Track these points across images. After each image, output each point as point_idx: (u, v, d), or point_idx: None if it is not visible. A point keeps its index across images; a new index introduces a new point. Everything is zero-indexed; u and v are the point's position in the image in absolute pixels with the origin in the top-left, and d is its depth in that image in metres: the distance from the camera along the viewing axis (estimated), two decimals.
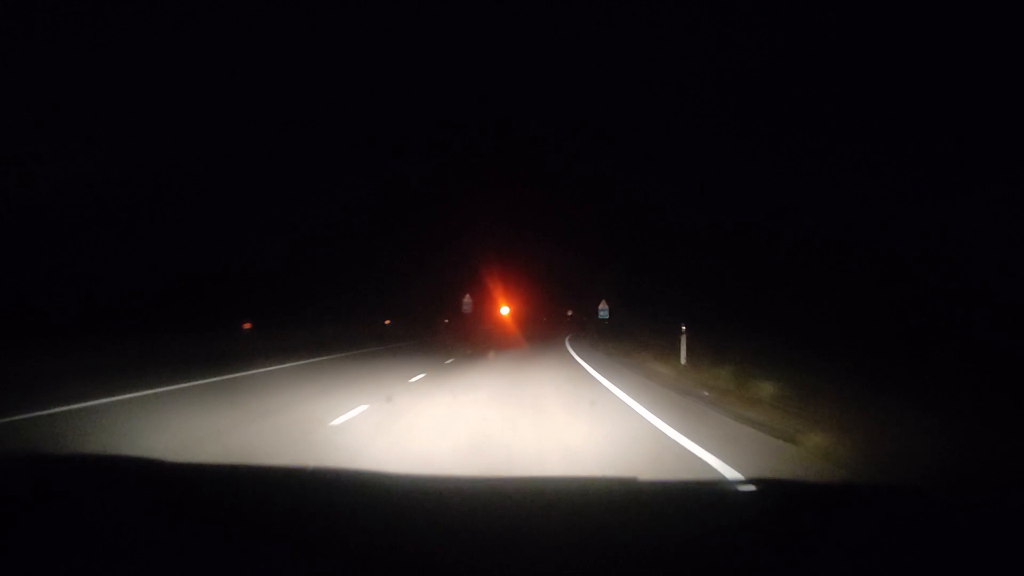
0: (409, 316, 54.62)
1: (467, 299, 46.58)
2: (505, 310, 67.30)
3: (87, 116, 22.22)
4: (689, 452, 6.07)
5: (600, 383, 12.85)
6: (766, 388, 10.26)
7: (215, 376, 13.12)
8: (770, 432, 7.09)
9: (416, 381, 13.07)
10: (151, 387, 10.79)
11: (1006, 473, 4.62)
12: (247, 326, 27.41)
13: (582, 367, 16.99)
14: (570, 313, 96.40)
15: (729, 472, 5.32)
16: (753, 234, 27.69)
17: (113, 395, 9.75)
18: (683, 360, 16.13)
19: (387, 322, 45.78)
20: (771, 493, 2.18)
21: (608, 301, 45.43)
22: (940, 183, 16.93)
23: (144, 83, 24.15)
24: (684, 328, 16.46)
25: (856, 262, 17.83)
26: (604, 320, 42.16)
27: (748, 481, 4.07)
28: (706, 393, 10.79)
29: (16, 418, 7.78)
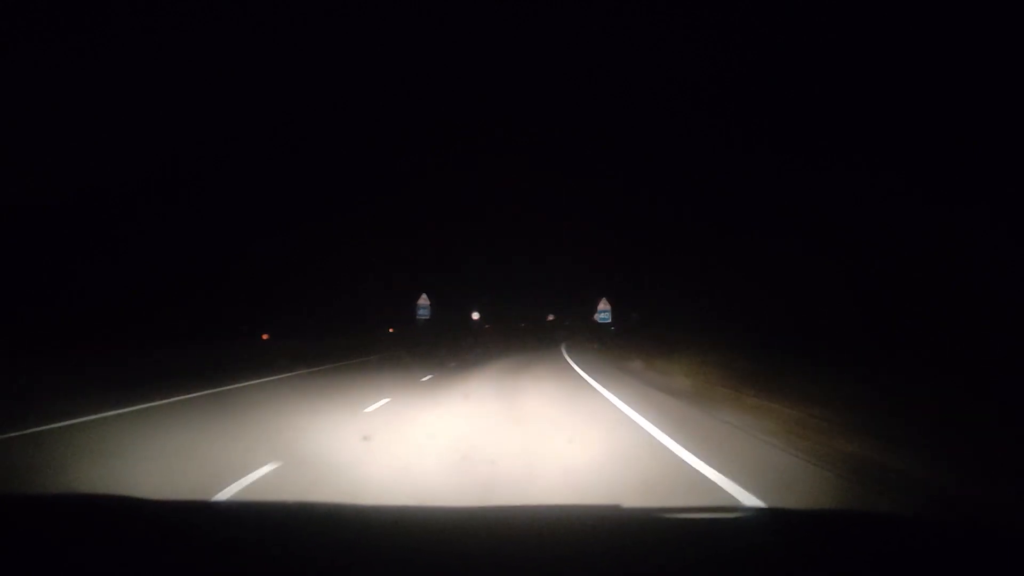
0: (327, 325, 37.10)
1: (423, 301, 36.65)
2: (476, 315, 55.88)
3: (87, 117, 22.22)
4: None
5: None
6: None
7: None
8: None
9: None
10: None
11: None
12: None
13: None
14: (551, 318, 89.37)
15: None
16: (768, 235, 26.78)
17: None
18: None
19: (264, 336, 30.74)
20: (764, 520, 2.10)
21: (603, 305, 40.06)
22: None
23: (138, 83, 24.17)
24: None
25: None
26: (606, 325, 34.62)
27: (739, 508, 3.94)
28: None
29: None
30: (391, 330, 46.10)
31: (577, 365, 20.40)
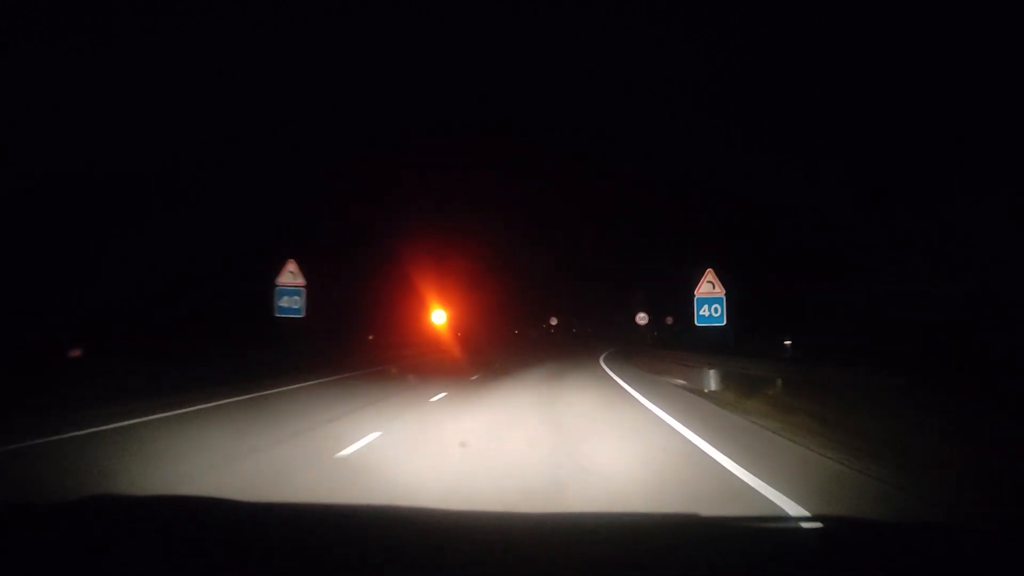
0: None
1: (290, 278, 16.65)
2: (440, 316, 39.24)
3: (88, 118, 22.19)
4: None
5: None
6: None
7: None
8: None
9: None
10: None
11: None
12: None
13: None
14: (553, 322, 75.75)
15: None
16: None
17: None
18: None
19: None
20: (837, 531, 2.11)
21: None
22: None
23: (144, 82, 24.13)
24: None
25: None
26: (715, 329, 15.61)
27: (813, 518, 3.94)
28: None
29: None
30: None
31: None
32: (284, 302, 16.78)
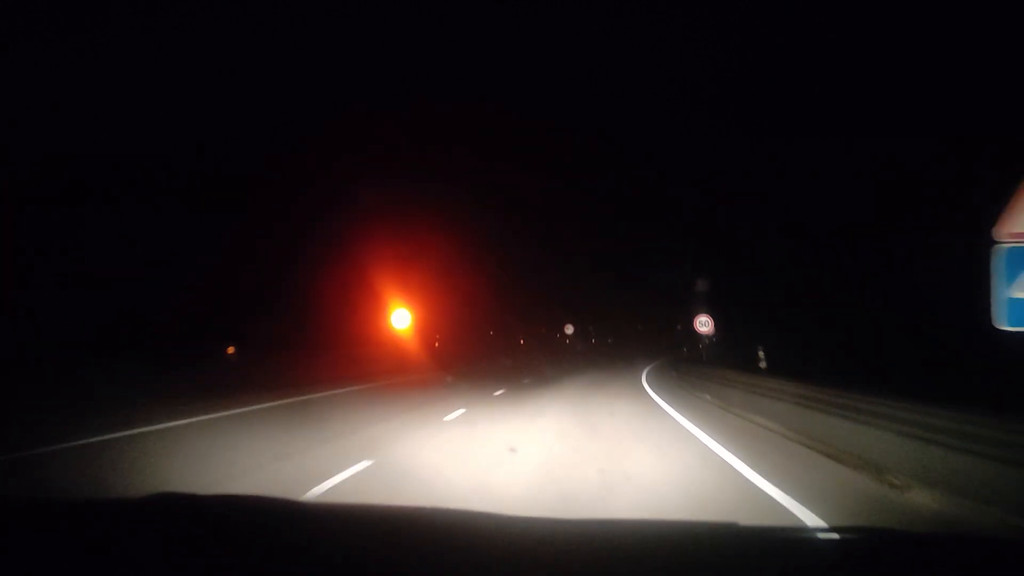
0: None
1: None
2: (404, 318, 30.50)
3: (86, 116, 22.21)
4: None
5: None
6: None
7: None
8: None
9: None
10: None
11: None
12: None
13: None
14: (570, 330, 70.38)
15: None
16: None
17: None
18: None
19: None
20: (859, 541, 2.08)
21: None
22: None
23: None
24: None
25: None
26: None
27: (835, 529, 4.00)
28: None
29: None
30: None
31: None
32: None
